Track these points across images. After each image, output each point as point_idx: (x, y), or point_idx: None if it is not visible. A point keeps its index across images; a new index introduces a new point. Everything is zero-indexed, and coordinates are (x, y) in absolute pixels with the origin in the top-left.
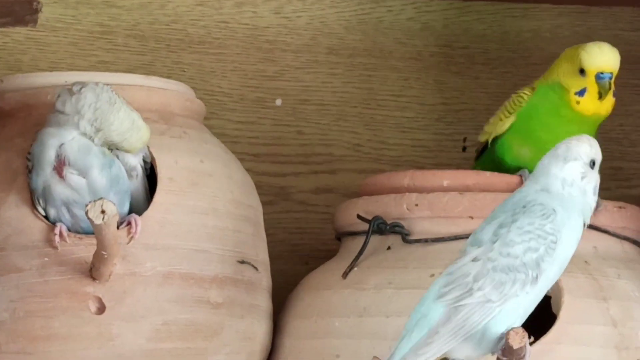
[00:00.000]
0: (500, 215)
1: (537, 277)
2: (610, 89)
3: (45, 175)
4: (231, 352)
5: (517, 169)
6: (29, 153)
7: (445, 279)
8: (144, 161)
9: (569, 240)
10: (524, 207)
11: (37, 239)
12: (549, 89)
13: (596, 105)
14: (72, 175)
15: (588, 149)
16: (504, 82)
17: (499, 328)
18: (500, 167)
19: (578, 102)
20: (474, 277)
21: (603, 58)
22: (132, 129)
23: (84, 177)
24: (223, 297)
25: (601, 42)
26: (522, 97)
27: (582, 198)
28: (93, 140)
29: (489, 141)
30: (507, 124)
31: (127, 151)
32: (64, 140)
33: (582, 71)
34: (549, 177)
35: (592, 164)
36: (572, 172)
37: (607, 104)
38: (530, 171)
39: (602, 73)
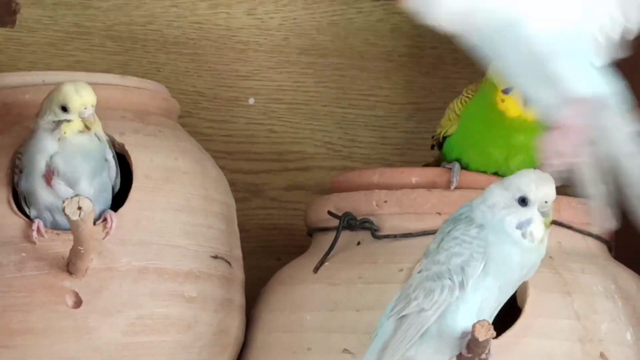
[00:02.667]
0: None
1: (463, 282)
2: None
3: (34, 180)
4: (205, 346)
5: None
6: (20, 153)
7: (400, 292)
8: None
9: (502, 260)
10: (459, 219)
11: (15, 234)
12: (484, 86)
13: (519, 109)
14: (60, 186)
15: (525, 184)
16: (472, 82)
17: (459, 325)
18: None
19: (503, 100)
20: (414, 288)
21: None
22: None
23: (71, 188)
24: (197, 292)
25: None
26: (465, 100)
27: (498, 224)
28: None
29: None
30: (454, 126)
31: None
32: (54, 151)
33: None
34: (489, 190)
35: (522, 201)
36: (493, 196)
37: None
38: (461, 164)
39: None
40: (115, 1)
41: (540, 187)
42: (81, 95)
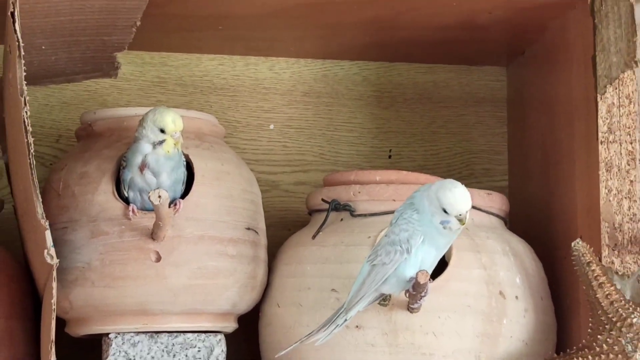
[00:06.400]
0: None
1: (409, 249)
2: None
3: (133, 171)
4: (241, 286)
5: None
6: (125, 156)
7: (374, 247)
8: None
9: (433, 235)
10: (408, 205)
11: (117, 214)
12: None
13: None
14: (148, 175)
15: (447, 202)
16: (415, 114)
17: (407, 274)
18: None
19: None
20: (381, 247)
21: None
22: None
23: (155, 177)
24: (236, 251)
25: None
26: None
27: (430, 215)
28: (156, 144)
29: None
30: None
31: (168, 126)
32: (148, 152)
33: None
34: (426, 192)
35: (444, 210)
36: (429, 198)
37: None
38: None
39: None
40: (182, 61)
41: (456, 205)
42: (176, 124)
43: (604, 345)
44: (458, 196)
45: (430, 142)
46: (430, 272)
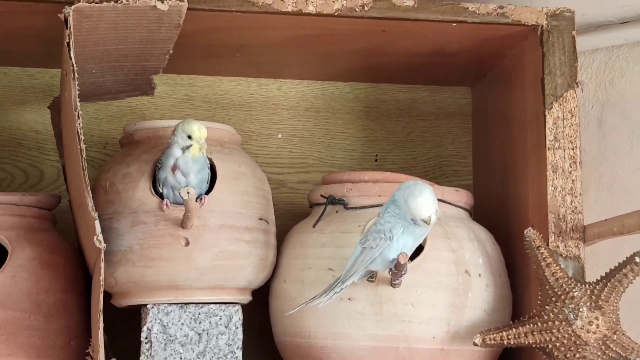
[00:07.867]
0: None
1: (391, 237)
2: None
3: (166, 172)
4: (255, 266)
5: None
6: (159, 160)
7: (364, 232)
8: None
9: (411, 230)
10: (391, 201)
11: (153, 207)
12: None
13: None
14: (179, 175)
15: (414, 208)
16: (396, 126)
17: (390, 256)
18: None
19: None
20: (369, 232)
21: (422, 214)
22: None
23: (184, 177)
24: (251, 237)
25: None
26: None
27: (405, 212)
28: (185, 149)
29: None
30: None
31: (195, 133)
32: (178, 156)
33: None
34: (399, 194)
35: (412, 213)
36: (401, 201)
37: None
38: None
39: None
40: (207, 82)
41: (420, 212)
42: (200, 132)
43: (550, 314)
44: (422, 204)
45: (409, 148)
46: (409, 255)
